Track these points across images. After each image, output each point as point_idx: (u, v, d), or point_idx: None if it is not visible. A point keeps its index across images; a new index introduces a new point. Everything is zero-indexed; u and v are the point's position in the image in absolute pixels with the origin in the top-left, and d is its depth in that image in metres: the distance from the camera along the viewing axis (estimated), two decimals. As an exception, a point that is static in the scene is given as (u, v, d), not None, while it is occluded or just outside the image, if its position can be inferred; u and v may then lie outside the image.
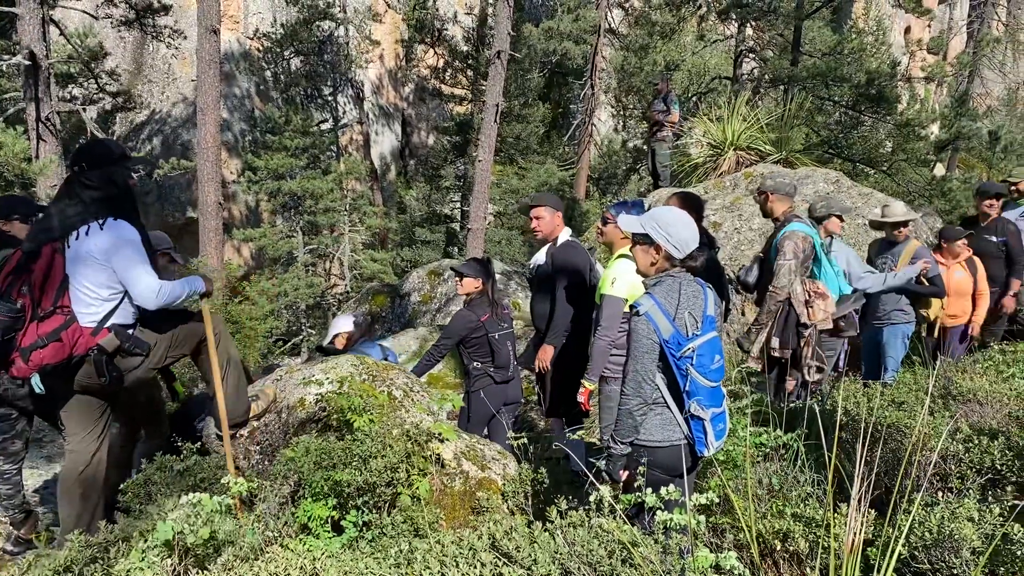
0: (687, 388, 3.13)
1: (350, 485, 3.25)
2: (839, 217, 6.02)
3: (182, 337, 3.94)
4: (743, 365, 5.51)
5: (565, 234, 5.46)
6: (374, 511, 3.33)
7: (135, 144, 23.87)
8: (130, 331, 3.68)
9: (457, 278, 5.95)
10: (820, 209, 6.09)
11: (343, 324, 6.78)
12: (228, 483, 3.04)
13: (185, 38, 19.46)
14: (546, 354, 5.35)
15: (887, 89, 20.14)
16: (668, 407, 3.19)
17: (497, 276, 12.29)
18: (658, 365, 3.15)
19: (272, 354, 17.86)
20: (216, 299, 15.75)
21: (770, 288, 5.26)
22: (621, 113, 28.63)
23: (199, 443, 4.19)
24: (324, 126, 26.04)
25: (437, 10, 26.78)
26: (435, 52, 26.84)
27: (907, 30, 55.59)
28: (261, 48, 25.57)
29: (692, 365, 3.11)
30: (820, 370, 5.37)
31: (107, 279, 3.58)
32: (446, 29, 26.33)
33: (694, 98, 22.03)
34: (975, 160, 34.80)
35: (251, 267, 24.77)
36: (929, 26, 57.73)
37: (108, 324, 3.62)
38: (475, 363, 5.71)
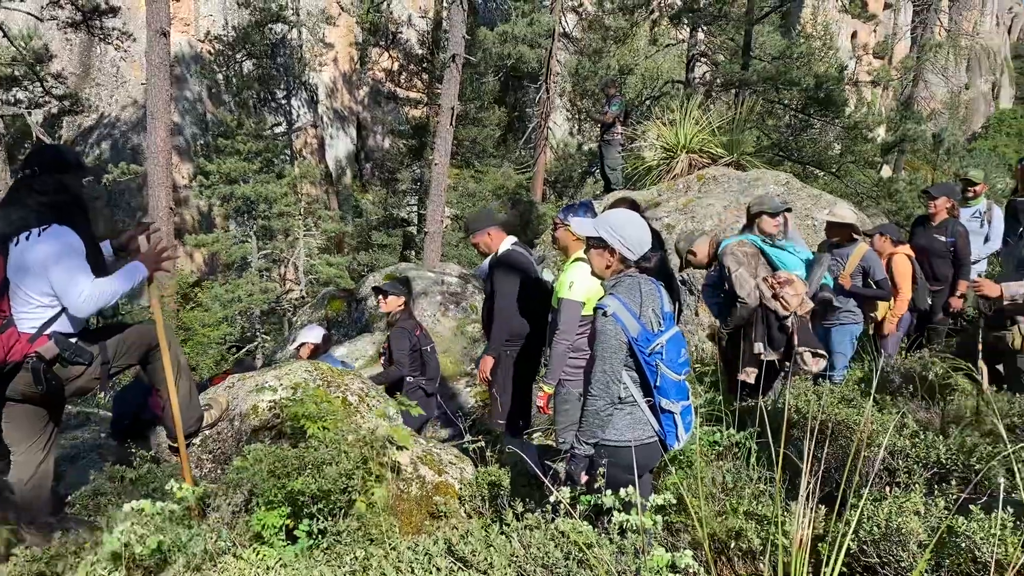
0: (657, 383, 3.16)
1: (304, 493, 3.22)
2: (771, 215, 5.92)
3: (129, 345, 3.85)
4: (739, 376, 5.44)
5: (506, 243, 5.45)
6: (329, 519, 3.30)
7: (83, 148, 23.41)
8: (72, 339, 3.59)
9: (380, 296, 6.05)
10: (752, 208, 6.09)
11: (311, 335, 6.72)
12: (173, 490, 2.96)
13: (134, 40, 19.13)
14: (485, 364, 5.35)
15: (835, 93, 20.55)
16: (638, 405, 3.22)
17: (454, 280, 12.30)
18: (627, 364, 3.18)
19: (225, 360, 17.61)
20: (167, 306, 15.46)
21: (738, 302, 5.28)
22: (576, 116, 28.82)
23: (152, 450, 4.12)
24: (278, 130, 25.81)
25: (391, 13, 26.69)
26: (390, 55, 26.75)
27: (853, 35, 56.84)
28: (213, 51, 25.24)
29: (661, 360, 3.15)
30: (817, 355, 5.27)
31: (46, 286, 3.49)
32: (400, 32, 26.26)
33: (647, 102, 22.24)
34: (920, 162, 35.72)
35: (204, 273, 24.43)
36: (875, 31, 59.18)
37: (48, 331, 3.53)
38: (408, 376, 5.79)
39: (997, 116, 76.91)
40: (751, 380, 5.31)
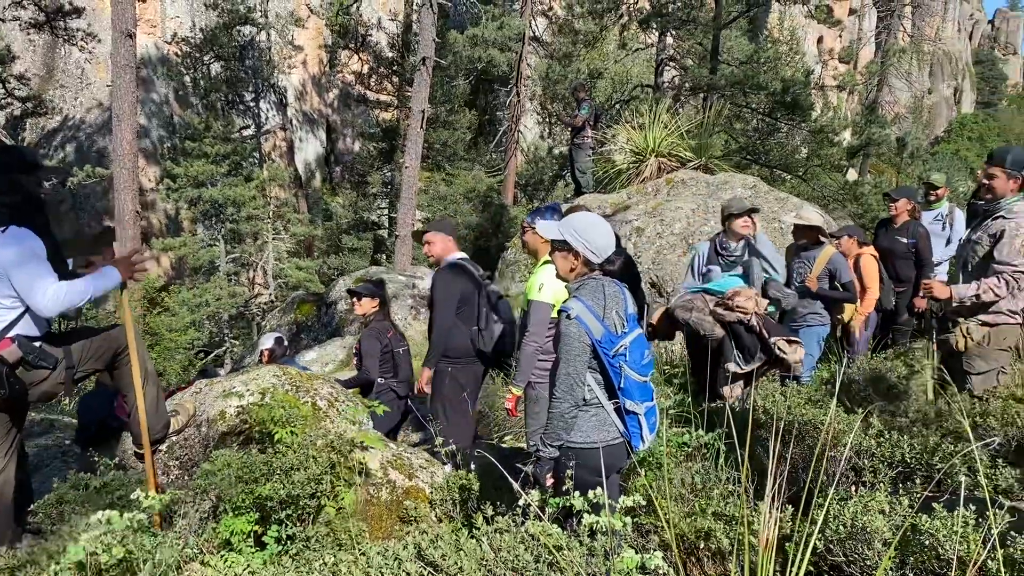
0: (621, 385, 3.18)
1: (272, 499, 3.19)
2: (736, 215, 6.01)
3: (95, 349, 3.79)
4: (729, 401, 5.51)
5: (451, 257, 5.40)
6: (298, 524, 3.28)
7: (47, 151, 23.05)
8: (36, 343, 3.53)
9: (355, 299, 6.02)
10: (723, 212, 6.18)
11: (264, 341, 6.85)
12: (140, 498, 2.92)
13: (99, 42, 18.88)
14: (423, 376, 5.34)
15: (801, 97, 20.80)
16: (603, 407, 3.23)
17: (425, 284, 12.27)
18: (591, 366, 3.19)
19: (193, 366, 17.41)
20: (134, 310, 15.24)
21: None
22: (547, 120, 28.90)
23: (117, 457, 4.06)
24: (246, 132, 25.62)
25: (361, 16, 26.59)
26: (359, 58, 26.64)
27: (819, 40, 57.64)
28: (180, 53, 24.98)
29: (625, 362, 3.17)
30: (792, 342, 5.45)
31: (7, 288, 3.42)
32: (370, 35, 26.17)
33: (617, 106, 22.36)
34: (885, 165, 36.29)
35: (171, 277, 24.15)
36: (840, 36, 60.07)
37: (11, 334, 3.47)
38: (379, 378, 5.75)
39: (959, 120, 78.51)
40: (738, 392, 5.52)
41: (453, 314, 5.14)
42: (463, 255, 5.48)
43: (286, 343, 7.64)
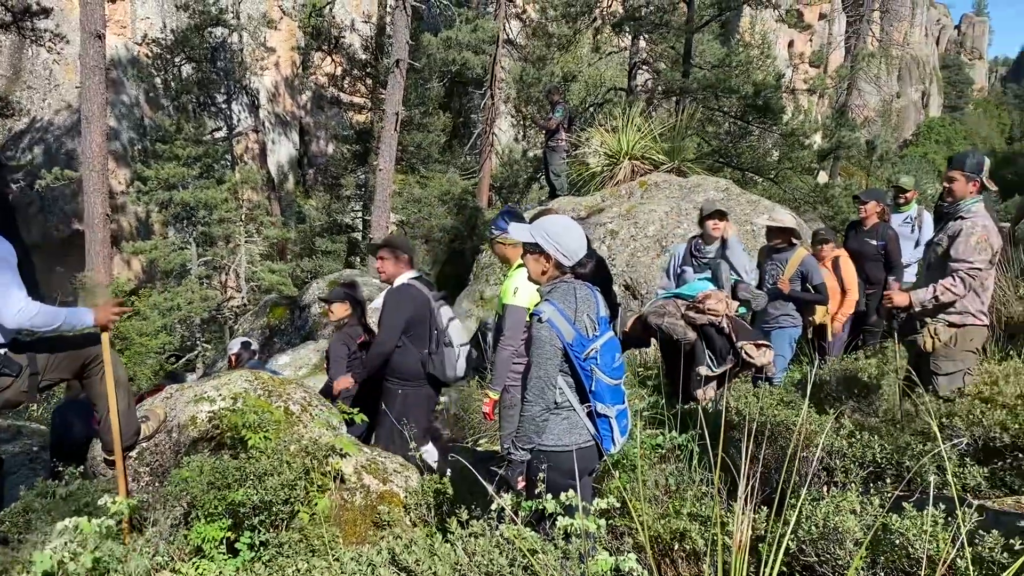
0: (592, 388, 3.18)
1: (245, 504, 3.16)
2: (706, 217, 6.15)
3: (62, 358, 3.72)
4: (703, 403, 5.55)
5: (404, 277, 5.21)
6: (271, 530, 3.25)
7: (15, 153, 22.67)
8: (0, 350, 3.47)
9: (327, 305, 5.95)
10: (699, 215, 6.31)
11: (231, 346, 6.87)
12: (107, 505, 2.87)
13: (68, 43, 18.61)
14: (340, 382, 5.35)
15: (773, 100, 21.03)
16: (575, 410, 3.23)
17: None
18: (562, 369, 3.19)
19: (164, 371, 17.24)
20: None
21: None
22: (521, 123, 28.92)
23: (82, 466, 4.00)
24: (218, 134, 25.40)
25: (334, 18, 26.43)
26: (333, 60, 26.48)
27: (790, 44, 58.28)
28: (150, 54, 24.71)
29: (596, 365, 3.17)
30: (761, 345, 5.50)
31: None
32: (343, 37, 26.03)
33: (591, 108, 22.44)
34: (855, 168, 36.75)
35: (142, 281, 23.89)
36: (810, 40, 60.75)
37: None
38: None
39: (927, 124, 79.88)
40: (711, 394, 5.54)
41: (397, 336, 5.00)
42: (417, 273, 5.33)
43: (254, 347, 7.56)
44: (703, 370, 5.50)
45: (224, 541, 3.16)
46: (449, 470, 4.92)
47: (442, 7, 22.01)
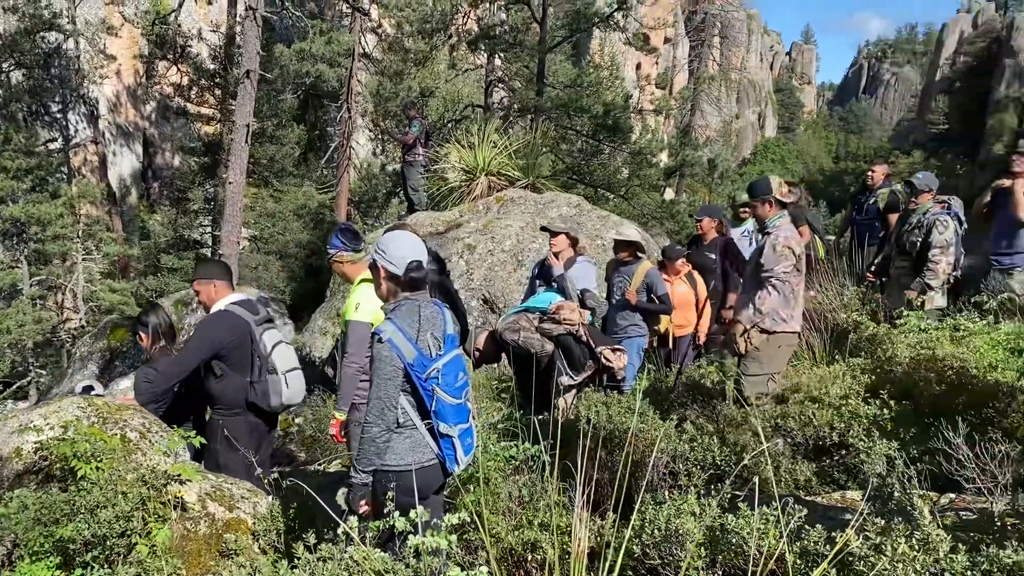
0: (434, 408, 3.17)
1: (76, 540, 2.98)
2: (552, 234, 6.61)
3: None
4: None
5: (222, 303, 4.87)
6: (106, 566, 3.06)
7: None
8: None
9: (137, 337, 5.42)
10: None
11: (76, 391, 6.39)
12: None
13: None
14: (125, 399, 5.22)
15: (622, 120, 21.86)
16: (417, 428, 3.22)
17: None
18: (404, 388, 3.18)
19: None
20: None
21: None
22: (379, 137, 28.66)
23: None
24: (52, 146, 23.84)
25: (179, 26, 25.33)
26: (179, 69, 25.33)
27: (638, 66, 60.77)
28: (-26, 58, 22.86)
29: (438, 385, 3.17)
30: (616, 350, 5.74)
31: None
32: (190, 46, 24.95)
33: (448, 124, 22.56)
34: (698, 185, 38.74)
35: (-36, 303, 21.98)
36: (656, 63, 63.61)
37: None
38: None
39: (763, 143, 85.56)
40: (572, 400, 5.70)
41: (194, 363, 4.67)
42: (241, 297, 5.02)
43: (97, 391, 6.83)
44: (565, 380, 5.65)
45: (53, 580, 2.96)
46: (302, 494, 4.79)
47: (294, 19, 21.49)
